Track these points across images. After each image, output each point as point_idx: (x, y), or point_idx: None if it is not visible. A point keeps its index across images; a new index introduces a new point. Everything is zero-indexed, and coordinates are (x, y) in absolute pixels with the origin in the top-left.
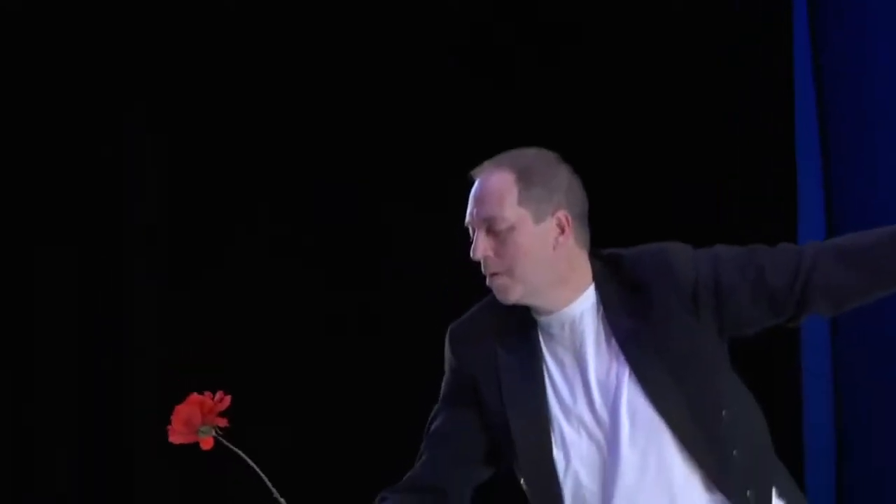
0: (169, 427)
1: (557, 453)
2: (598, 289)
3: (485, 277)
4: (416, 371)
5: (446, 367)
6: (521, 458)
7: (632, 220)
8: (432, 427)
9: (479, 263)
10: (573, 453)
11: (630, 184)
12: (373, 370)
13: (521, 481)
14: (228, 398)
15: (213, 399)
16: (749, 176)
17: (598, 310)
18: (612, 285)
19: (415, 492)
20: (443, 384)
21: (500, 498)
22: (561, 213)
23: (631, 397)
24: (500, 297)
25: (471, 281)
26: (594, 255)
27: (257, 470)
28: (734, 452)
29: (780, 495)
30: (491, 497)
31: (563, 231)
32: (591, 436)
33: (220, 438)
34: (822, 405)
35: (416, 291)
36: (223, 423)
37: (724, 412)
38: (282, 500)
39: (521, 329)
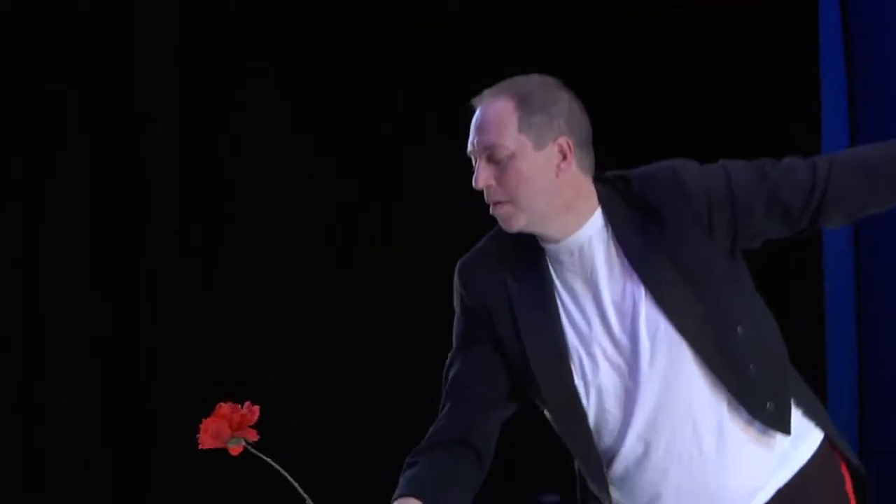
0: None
1: (578, 381)
2: (606, 212)
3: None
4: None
5: (457, 308)
6: (542, 389)
7: (645, 145)
8: (451, 375)
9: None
10: (593, 379)
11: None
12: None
13: (545, 412)
14: (257, 410)
15: (241, 411)
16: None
17: (606, 233)
18: (621, 208)
19: (442, 448)
20: (455, 328)
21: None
22: (562, 140)
23: (649, 317)
24: (504, 225)
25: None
26: (600, 180)
27: (284, 474)
28: (750, 367)
29: (800, 407)
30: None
31: (564, 157)
32: (610, 360)
33: (249, 448)
34: (844, 318)
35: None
36: (253, 436)
37: (738, 327)
38: (308, 500)
39: (531, 259)
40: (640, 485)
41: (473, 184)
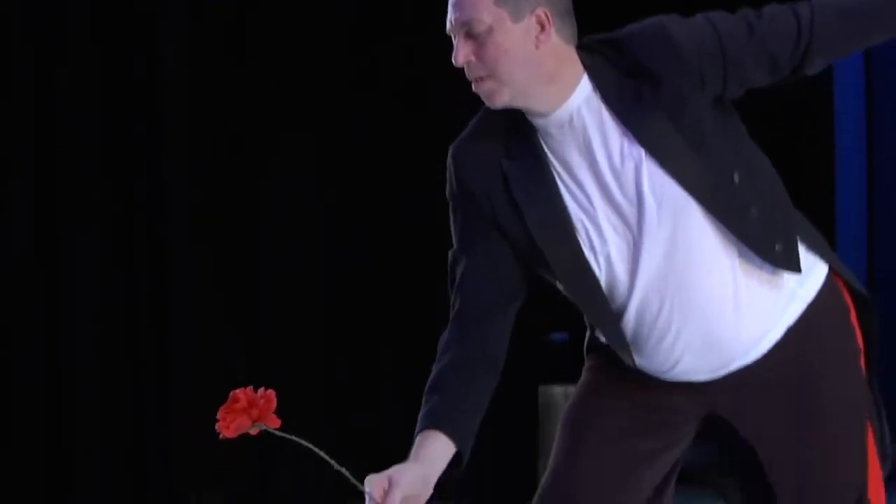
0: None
1: (588, 253)
2: (593, 79)
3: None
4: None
5: (452, 201)
6: (552, 265)
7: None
8: (457, 279)
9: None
10: (602, 248)
11: None
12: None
13: (559, 287)
14: (273, 395)
15: (258, 400)
16: None
17: (595, 100)
18: (609, 73)
19: (461, 370)
20: (453, 226)
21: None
22: (540, 10)
23: (652, 177)
24: (487, 102)
25: None
26: (584, 48)
27: (314, 449)
28: (752, 210)
29: (804, 242)
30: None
31: (543, 28)
32: (615, 227)
33: (274, 432)
34: (855, 167)
35: None
36: (275, 422)
37: (735, 174)
38: (344, 471)
39: (522, 137)
40: (656, 342)
41: (454, 61)
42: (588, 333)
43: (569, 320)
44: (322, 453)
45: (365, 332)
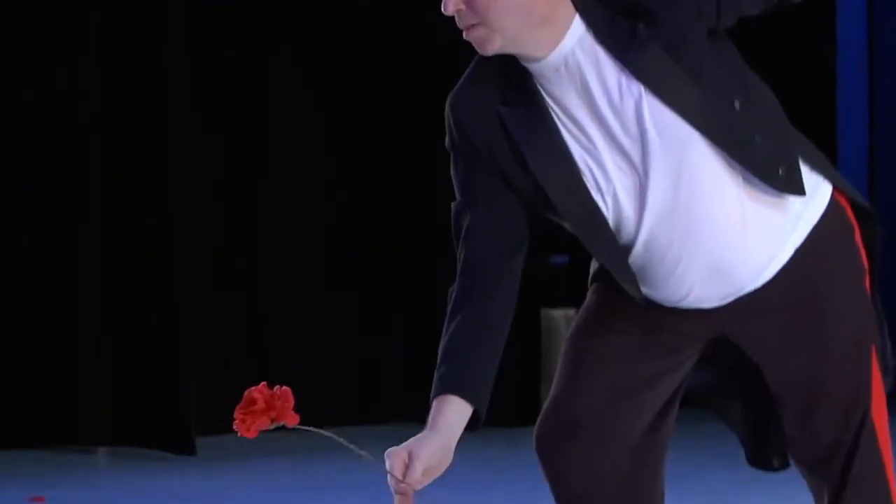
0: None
1: (595, 194)
2: (585, 18)
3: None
4: None
5: (452, 152)
6: (559, 209)
7: None
8: (463, 233)
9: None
10: (608, 187)
11: None
12: None
13: (566, 227)
14: (289, 392)
15: (275, 400)
16: None
17: (589, 39)
18: (602, 11)
19: (473, 331)
20: (455, 178)
21: None
22: None
23: (653, 112)
24: (480, 49)
25: None
26: None
27: (335, 438)
28: (756, 137)
29: (807, 163)
30: None
31: None
32: (619, 165)
33: (298, 427)
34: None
35: None
36: (295, 420)
37: (735, 102)
38: (365, 454)
39: (517, 82)
40: (665, 275)
41: (443, 10)
42: (593, 263)
43: (568, 243)
44: (342, 441)
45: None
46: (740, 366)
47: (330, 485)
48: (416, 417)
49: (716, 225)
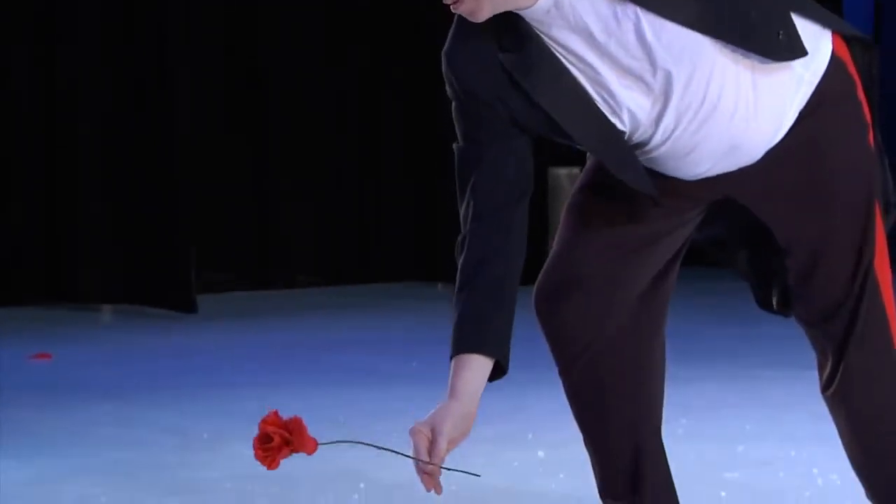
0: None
1: (612, 118)
2: None
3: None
4: None
5: (456, 103)
6: (576, 138)
7: None
8: (472, 176)
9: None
10: (621, 109)
11: None
12: None
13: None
14: (300, 422)
15: (287, 432)
16: None
17: None
18: None
19: (489, 282)
20: (457, 121)
21: None
22: None
23: (654, 30)
24: (472, 19)
25: None
26: None
27: (361, 443)
28: (752, 15)
29: (803, 16)
30: None
31: None
32: (630, 89)
33: (325, 443)
34: None
35: None
36: (313, 446)
37: None
38: (395, 451)
39: (511, 27)
40: (678, 162)
41: None
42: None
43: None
44: (367, 443)
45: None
46: (745, 220)
47: (333, 339)
48: (419, 276)
49: (728, 112)
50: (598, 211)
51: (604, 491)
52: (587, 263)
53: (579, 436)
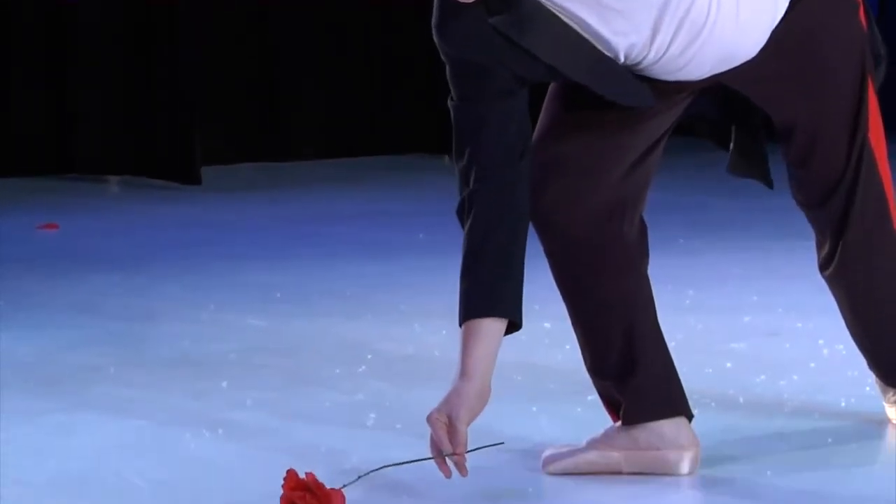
0: None
1: (609, 55)
2: None
3: None
4: None
5: (448, 65)
6: (585, 82)
7: None
8: (472, 135)
9: None
10: (620, 45)
11: None
12: None
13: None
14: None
15: (312, 492)
16: None
17: None
18: None
19: (497, 239)
20: (453, 84)
21: None
22: None
23: None
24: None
25: None
26: None
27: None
28: None
29: None
30: None
31: None
32: (623, 29)
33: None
34: None
35: None
36: (341, 500)
37: None
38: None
39: None
40: (671, 73)
41: None
42: None
43: None
44: (386, 466)
45: None
46: (737, 100)
47: (338, 211)
48: (425, 149)
49: (720, 22)
50: (581, 93)
51: (593, 370)
52: (571, 144)
53: None
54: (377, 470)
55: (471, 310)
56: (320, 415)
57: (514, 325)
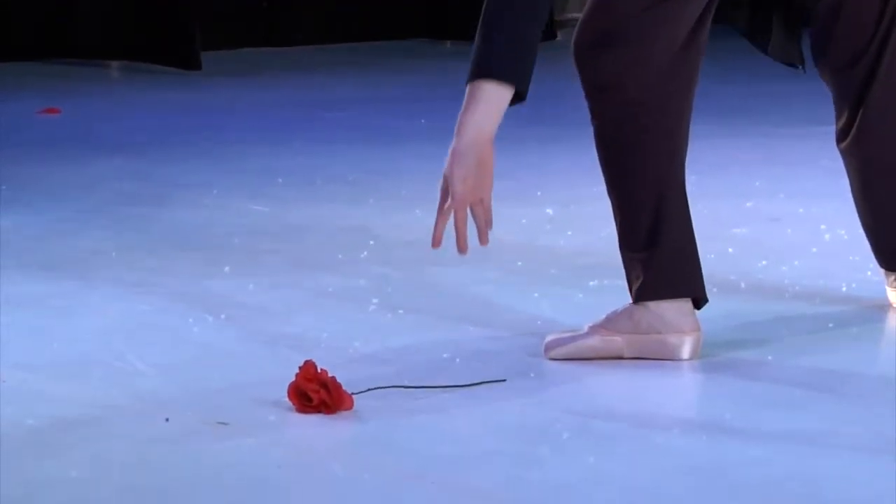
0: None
1: None
2: None
3: None
4: None
5: None
6: None
7: None
8: None
9: None
10: None
11: None
12: None
13: None
14: (337, 384)
15: (327, 388)
16: None
17: None
18: None
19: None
20: None
21: None
22: None
23: None
24: None
25: None
26: None
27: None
28: None
29: None
30: None
31: None
32: None
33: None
34: None
35: None
36: (350, 404)
37: None
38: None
39: None
40: None
41: None
42: None
43: None
44: (400, 385)
45: None
46: None
47: (340, 97)
48: (427, 34)
49: None
50: None
51: (623, 244)
52: (628, 14)
53: (588, 193)
54: (388, 388)
55: (475, 71)
56: (323, 300)
57: (518, 97)
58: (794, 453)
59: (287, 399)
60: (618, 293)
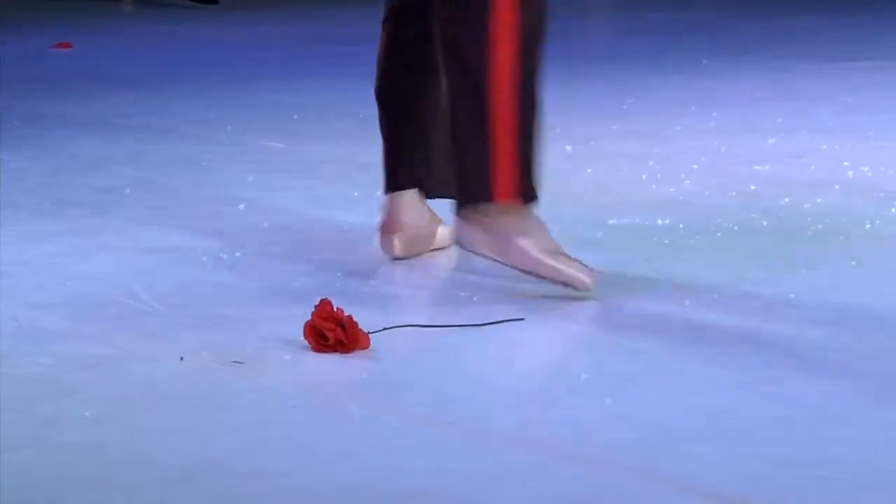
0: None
1: None
2: None
3: None
4: None
5: None
6: None
7: None
8: None
9: None
10: None
11: None
12: None
13: None
14: (354, 322)
15: (344, 327)
16: None
17: None
18: None
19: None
20: None
21: None
22: None
23: None
24: None
25: None
26: None
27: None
28: None
29: None
30: None
31: None
32: None
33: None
34: None
35: None
36: (366, 343)
37: None
38: None
39: None
40: None
41: None
42: None
43: None
44: (415, 324)
45: None
46: None
47: (355, 33)
48: None
49: None
50: None
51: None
52: None
53: (608, 131)
54: (404, 326)
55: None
56: (338, 238)
57: None
58: (814, 395)
59: (303, 338)
60: (637, 231)
